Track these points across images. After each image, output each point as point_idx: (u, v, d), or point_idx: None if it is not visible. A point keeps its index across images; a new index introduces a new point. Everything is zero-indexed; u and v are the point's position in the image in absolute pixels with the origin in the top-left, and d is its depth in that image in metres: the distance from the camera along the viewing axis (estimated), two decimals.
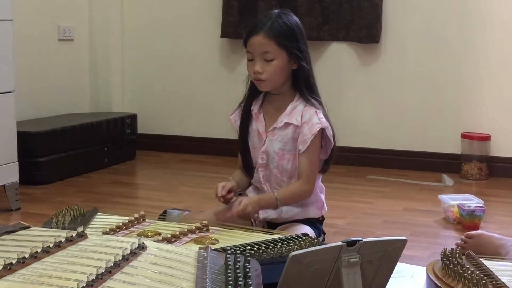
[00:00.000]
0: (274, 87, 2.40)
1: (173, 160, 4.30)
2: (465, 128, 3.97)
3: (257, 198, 2.38)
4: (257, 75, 2.35)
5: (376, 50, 4.10)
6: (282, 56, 2.35)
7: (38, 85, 4.06)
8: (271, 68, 2.34)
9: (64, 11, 4.27)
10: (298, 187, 2.38)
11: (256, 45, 2.34)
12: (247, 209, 2.29)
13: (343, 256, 1.62)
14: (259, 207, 2.35)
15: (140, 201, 3.39)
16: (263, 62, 2.34)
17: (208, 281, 1.52)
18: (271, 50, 2.33)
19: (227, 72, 4.39)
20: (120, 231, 2.13)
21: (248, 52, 2.38)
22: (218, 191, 2.35)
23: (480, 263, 1.86)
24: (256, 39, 2.34)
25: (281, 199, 2.36)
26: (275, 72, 2.35)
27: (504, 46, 3.89)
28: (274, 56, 2.34)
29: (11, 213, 3.00)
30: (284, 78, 2.39)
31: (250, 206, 2.29)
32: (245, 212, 2.29)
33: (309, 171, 2.38)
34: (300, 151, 2.37)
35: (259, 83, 2.38)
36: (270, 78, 2.35)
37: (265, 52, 2.34)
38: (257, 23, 2.38)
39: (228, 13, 4.24)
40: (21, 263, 1.51)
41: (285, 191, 2.38)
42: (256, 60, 2.35)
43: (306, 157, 2.37)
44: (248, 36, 2.37)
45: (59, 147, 3.67)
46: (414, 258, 2.37)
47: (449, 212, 2.95)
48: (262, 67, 2.34)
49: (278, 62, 2.35)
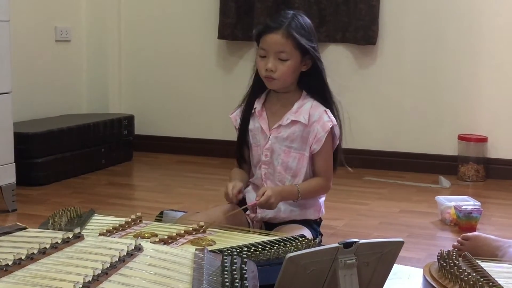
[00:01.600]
0: (283, 86, 2.41)
1: (170, 161, 4.30)
2: (462, 130, 3.97)
3: (279, 189, 2.38)
4: (269, 72, 2.35)
5: (373, 51, 4.10)
6: (296, 57, 2.36)
7: (35, 86, 4.06)
8: (285, 68, 2.35)
9: (61, 12, 4.27)
10: (319, 183, 2.42)
11: (273, 44, 2.34)
12: (270, 200, 2.29)
13: (340, 258, 1.62)
14: (281, 198, 2.36)
15: (137, 202, 3.38)
16: (277, 61, 2.35)
17: (204, 283, 1.52)
18: (288, 50, 2.34)
19: (224, 74, 4.39)
20: (117, 232, 2.12)
21: (261, 49, 2.38)
22: (229, 190, 2.33)
23: (477, 264, 1.86)
24: (273, 37, 2.34)
25: (302, 192, 2.37)
26: (288, 72, 2.36)
27: (501, 48, 3.89)
28: (289, 56, 2.35)
29: (8, 214, 2.99)
30: (294, 79, 2.41)
31: (273, 197, 2.29)
32: (268, 203, 2.29)
33: (326, 168, 2.43)
34: (315, 150, 2.39)
35: (269, 81, 2.38)
36: (282, 78, 2.36)
37: (281, 51, 2.34)
38: (274, 21, 2.38)
39: (225, 14, 4.24)
40: (18, 264, 1.51)
41: (306, 185, 2.40)
42: (270, 58, 2.35)
43: (321, 155, 2.41)
44: (263, 33, 2.37)
45: (56, 148, 3.67)
46: (410, 259, 2.37)
47: (446, 213, 2.95)
48: (275, 66, 2.34)
49: (292, 62, 2.36)
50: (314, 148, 2.39)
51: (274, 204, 2.32)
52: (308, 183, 2.41)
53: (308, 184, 2.41)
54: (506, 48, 3.88)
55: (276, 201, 2.32)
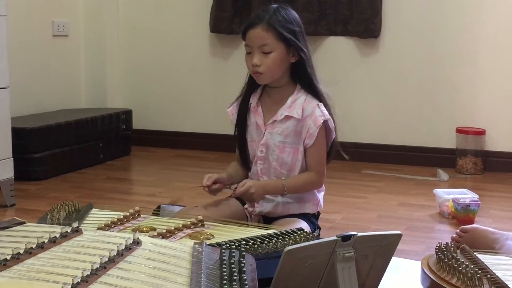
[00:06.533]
0: (272, 79, 2.40)
1: (168, 156, 4.30)
2: (460, 123, 3.97)
3: (263, 182, 2.39)
4: (255, 68, 2.35)
5: (375, 45, 4.09)
6: (280, 49, 2.35)
7: (33, 81, 4.05)
8: (269, 61, 2.34)
9: (58, 6, 4.26)
10: (308, 177, 2.40)
11: (254, 38, 2.35)
12: (250, 190, 2.30)
13: (338, 251, 1.62)
14: (264, 192, 2.36)
15: (135, 196, 3.38)
16: (261, 55, 2.35)
17: (203, 276, 1.52)
18: (269, 42, 2.34)
19: (222, 68, 4.39)
20: (115, 227, 2.12)
21: (246, 46, 2.39)
22: (204, 181, 2.37)
23: (475, 257, 1.86)
24: (254, 32, 2.35)
25: (288, 187, 2.36)
26: (273, 65, 2.35)
27: (500, 41, 3.89)
28: (272, 48, 2.34)
29: (6, 209, 2.99)
30: (282, 71, 2.39)
31: (253, 188, 2.31)
32: (248, 192, 2.30)
33: (319, 163, 2.41)
34: (308, 145, 2.39)
35: (257, 76, 2.38)
36: (268, 71, 2.36)
37: (263, 44, 2.34)
38: (256, 17, 2.39)
39: (222, 8, 4.23)
40: (16, 259, 1.51)
41: (293, 180, 2.39)
42: (254, 53, 2.35)
43: (314, 150, 2.39)
44: (246, 30, 2.38)
45: (54, 143, 3.67)
46: (409, 252, 2.38)
47: (444, 206, 2.95)
48: (260, 60, 2.34)
49: (276, 54, 2.35)
50: (307, 143, 2.39)
51: (255, 195, 2.33)
52: (297, 178, 2.40)
53: (296, 179, 2.40)
54: (504, 41, 3.88)
55: (257, 193, 2.33)
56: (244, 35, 2.39)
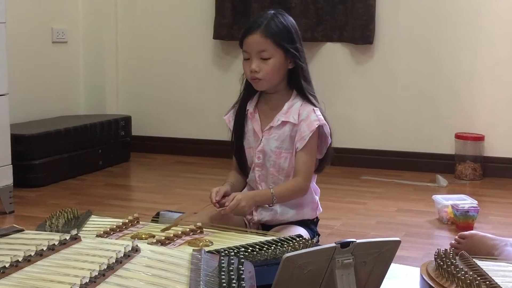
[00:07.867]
0: (270, 86, 2.40)
1: (167, 162, 4.30)
2: (459, 129, 3.97)
3: (252, 193, 2.37)
4: (254, 74, 2.35)
5: (370, 50, 4.10)
6: (279, 55, 2.35)
7: (32, 88, 4.05)
8: (268, 67, 2.34)
9: (57, 13, 4.27)
10: (294, 184, 2.37)
11: (253, 44, 2.35)
12: (240, 204, 2.26)
13: (337, 258, 1.62)
14: (254, 203, 2.34)
15: (134, 203, 3.38)
16: (260, 61, 2.35)
17: (202, 284, 1.52)
18: (268, 48, 2.34)
19: (221, 74, 4.39)
20: (114, 234, 2.13)
21: (244, 52, 2.38)
22: (212, 197, 2.32)
23: (474, 263, 1.87)
24: (252, 38, 2.35)
25: (277, 195, 2.33)
26: (272, 71, 2.35)
27: (498, 47, 3.90)
28: (271, 54, 2.34)
29: (5, 216, 2.99)
30: (280, 77, 2.39)
31: (243, 201, 2.27)
32: (238, 207, 2.27)
33: (306, 169, 2.37)
34: (298, 148, 2.37)
35: (256, 82, 2.38)
36: (266, 77, 2.36)
37: (261, 50, 2.34)
38: (253, 23, 2.39)
39: (222, 14, 4.24)
40: (15, 266, 1.51)
41: (281, 188, 2.37)
42: (253, 59, 2.35)
43: (303, 154, 2.37)
44: (244, 36, 2.38)
45: (53, 149, 3.67)
46: (408, 258, 2.37)
47: (443, 212, 2.95)
48: (259, 66, 2.34)
49: (275, 60, 2.35)
50: (297, 146, 2.37)
51: (246, 208, 2.29)
52: (284, 186, 2.38)
53: (284, 187, 2.37)
54: (502, 46, 3.89)
55: (248, 205, 2.29)
56: (242, 41, 2.39)
